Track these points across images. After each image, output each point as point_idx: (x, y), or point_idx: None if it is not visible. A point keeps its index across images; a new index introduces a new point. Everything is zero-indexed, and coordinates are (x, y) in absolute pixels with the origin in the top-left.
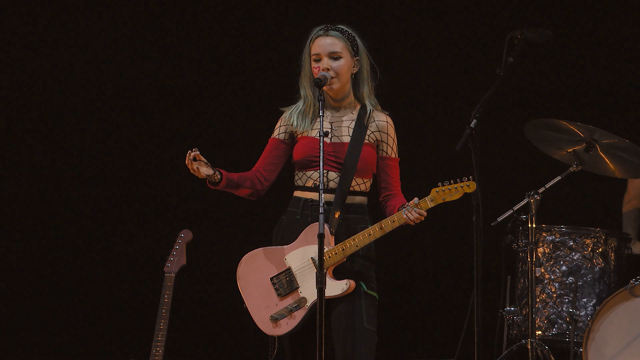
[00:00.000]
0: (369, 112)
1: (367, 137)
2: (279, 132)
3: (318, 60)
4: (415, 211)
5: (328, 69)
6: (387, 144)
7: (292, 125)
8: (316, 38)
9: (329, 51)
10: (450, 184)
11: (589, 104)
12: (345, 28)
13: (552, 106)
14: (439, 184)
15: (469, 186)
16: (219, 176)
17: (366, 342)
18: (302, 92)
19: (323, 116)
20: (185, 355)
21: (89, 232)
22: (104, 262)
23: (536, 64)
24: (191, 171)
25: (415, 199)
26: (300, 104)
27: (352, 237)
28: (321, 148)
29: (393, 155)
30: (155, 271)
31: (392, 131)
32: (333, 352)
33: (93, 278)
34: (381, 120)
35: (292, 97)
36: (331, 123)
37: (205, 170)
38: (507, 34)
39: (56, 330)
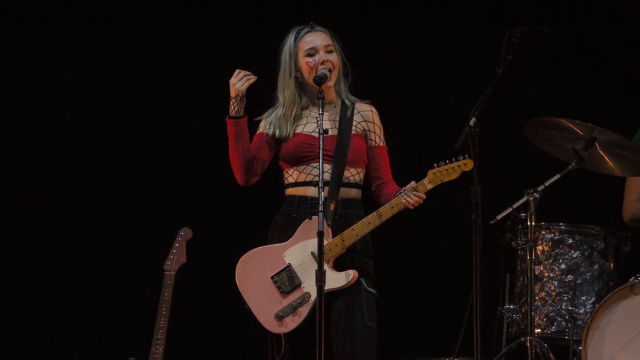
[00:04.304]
0: (350, 105)
1: (354, 128)
2: (263, 129)
3: (313, 55)
4: (414, 194)
5: (326, 61)
6: (375, 132)
7: (274, 133)
8: (305, 34)
9: (325, 44)
10: (446, 163)
11: (588, 102)
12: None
13: (552, 104)
14: (435, 164)
15: (465, 164)
16: (243, 112)
17: (368, 340)
18: (280, 96)
19: (322, 114)
20: (185, 354)
21: (89, 230)
22: (104, 260)
23: (535, 62)
24: (238, 80)
25: (412, 182)
26: (279, 109)
27: (351, 227)
28: (321, 146)
29: (381, 144)
30: (155, 269)
31: (377, 120)
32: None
33: (92, 276)
34: (366, 110)
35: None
36: (316, 117)
37: (246, 86)
38: (506, 32)
39: (55, 329)
